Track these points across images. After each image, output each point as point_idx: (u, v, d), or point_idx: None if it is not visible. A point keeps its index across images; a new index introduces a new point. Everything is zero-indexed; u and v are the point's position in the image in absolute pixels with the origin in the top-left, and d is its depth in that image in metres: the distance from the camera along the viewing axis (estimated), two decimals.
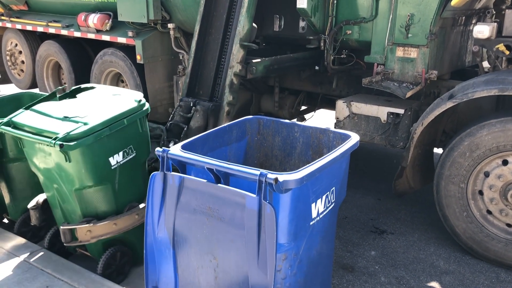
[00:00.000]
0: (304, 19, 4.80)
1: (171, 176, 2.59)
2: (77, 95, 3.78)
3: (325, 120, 7.27)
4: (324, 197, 2.63)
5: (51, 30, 7.00)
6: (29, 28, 7.36)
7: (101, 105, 3.43)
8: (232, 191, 2.40)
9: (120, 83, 6.59)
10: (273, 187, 2.25)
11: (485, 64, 4.31)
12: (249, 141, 3.41)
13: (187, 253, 2.67)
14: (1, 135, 3.66)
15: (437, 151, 4.64)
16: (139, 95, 3.55)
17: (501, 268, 3.72)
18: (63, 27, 6.80)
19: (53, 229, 3.71)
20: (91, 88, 3.88)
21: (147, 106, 3.51)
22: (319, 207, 2.59)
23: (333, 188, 2.73)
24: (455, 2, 3.86)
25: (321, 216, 2.63)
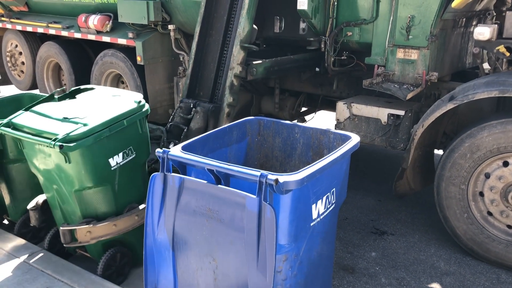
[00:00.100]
0: (304, 20, 4.79)
1: (171, 177, 2.59)
2: (76, 96, 3.78)
3: (326, 122, 7.25)
4: (324, 198, 2.62)
5: (51, 31, 6.99)
6: (29, 29, 7.36)
7: (100, 106, 3.43)
8: (232, 192, 2.39)
9: (120, 84, 6.59)
10: (273, 188, 2.24)
11: (486, 66, 4.31)
12: (249, 142, 3.40)
13: (186, 254, 2.66)
14: (1, 136, 3.66)
15: (438, 152, 4.64)
16: (139, 96, 3.55)
17: (501, 269, 3.71)
18: (64, 28, 6.80)
19: (53, 230, 3.71)
20: (91, 89, 3.88)
21: (147, 107, 3.51)
22: (319, 208, 2.58)
23: (334, 189, 2.73)
24: (455, 4, 3.86)
25: (321, 217, 2.62)
